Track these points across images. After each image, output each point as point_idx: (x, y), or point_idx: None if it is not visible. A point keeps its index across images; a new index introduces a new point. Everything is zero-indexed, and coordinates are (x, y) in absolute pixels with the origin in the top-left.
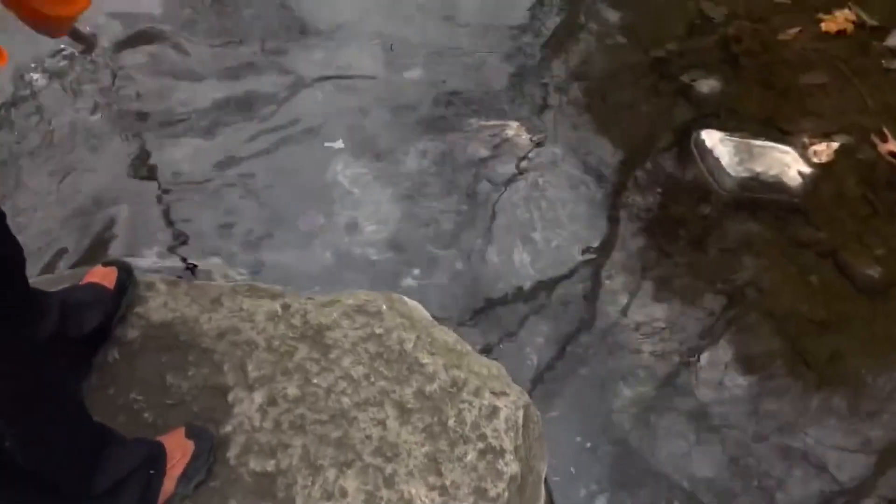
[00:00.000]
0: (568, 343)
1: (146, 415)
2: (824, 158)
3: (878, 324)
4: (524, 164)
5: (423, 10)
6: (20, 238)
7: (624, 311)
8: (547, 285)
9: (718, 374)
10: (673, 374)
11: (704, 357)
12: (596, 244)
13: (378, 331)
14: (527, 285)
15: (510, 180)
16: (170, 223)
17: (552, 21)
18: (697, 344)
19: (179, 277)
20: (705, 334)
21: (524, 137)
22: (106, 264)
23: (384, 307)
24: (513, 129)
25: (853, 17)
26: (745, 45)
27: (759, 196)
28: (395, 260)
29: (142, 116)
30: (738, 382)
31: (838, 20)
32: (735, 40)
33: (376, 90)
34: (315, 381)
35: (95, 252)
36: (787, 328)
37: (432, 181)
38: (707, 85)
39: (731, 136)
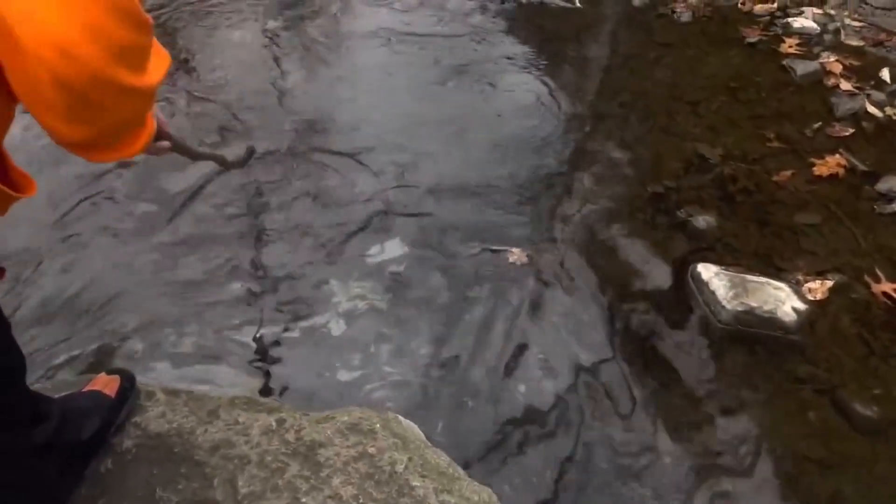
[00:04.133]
0: (563, 469)
1: None
2: (819, 296)
3: (880, 465)
4: (524, 288)
5: (434, 140)
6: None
7: (622, 440)
8: (542, 408)
9: None
10: None
11: (704, 493)
12: (592, 371)
13: (371, 450)
14: (522, 407)
15: (509, 303)
16: None
17: (558, 154)
18: (696, 479)
19: None
20: (703, 470)
21: (525, 263)
22: (110, 372)
23: (378, 426)
24: (514, 254)
25: (844, 162)
26: (741, 185)
27: (756, 330)
28: (392, 378)
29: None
30: None
31: (830, 164)
32: (731, 180)
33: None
34: (304, 499)
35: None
36: (786, 466)
37: (430, 299)
38: (703, 220)
39: (726, 270)
